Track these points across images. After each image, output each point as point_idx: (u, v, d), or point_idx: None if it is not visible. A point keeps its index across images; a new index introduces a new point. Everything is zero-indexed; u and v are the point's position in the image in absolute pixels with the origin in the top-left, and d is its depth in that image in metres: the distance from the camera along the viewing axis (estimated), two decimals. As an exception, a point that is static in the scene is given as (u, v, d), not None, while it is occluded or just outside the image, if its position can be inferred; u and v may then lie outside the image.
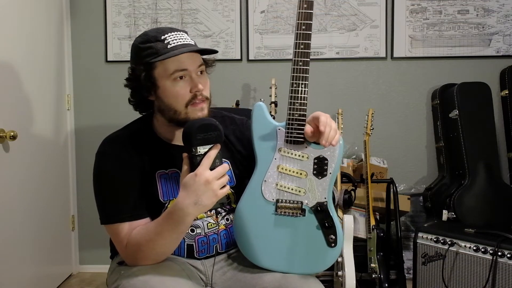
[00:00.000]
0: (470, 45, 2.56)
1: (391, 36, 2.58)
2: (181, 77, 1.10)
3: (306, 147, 1.14)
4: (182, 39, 1.12)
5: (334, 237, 1.14)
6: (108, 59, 2.65)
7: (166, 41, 1.09)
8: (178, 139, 1.20)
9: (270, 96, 2.35)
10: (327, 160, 1.13)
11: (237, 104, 2.42)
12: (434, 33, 2.57)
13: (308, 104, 1.14)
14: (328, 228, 1.14)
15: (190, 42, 1.13)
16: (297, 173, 1.14)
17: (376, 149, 2.60)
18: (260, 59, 2.62)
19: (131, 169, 1.13)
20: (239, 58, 2.62)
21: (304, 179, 1.14)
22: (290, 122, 1.14)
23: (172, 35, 1.11)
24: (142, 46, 1.11)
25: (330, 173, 1.14)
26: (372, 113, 2.30)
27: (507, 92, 2.49)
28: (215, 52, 1.15)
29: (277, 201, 1.15)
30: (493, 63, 2.56)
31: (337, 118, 2.33)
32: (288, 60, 2.60)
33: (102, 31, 2.66)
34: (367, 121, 2.28)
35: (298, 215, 1.15)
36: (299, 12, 1.14)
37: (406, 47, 2.58)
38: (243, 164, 1.27)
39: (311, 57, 1.16)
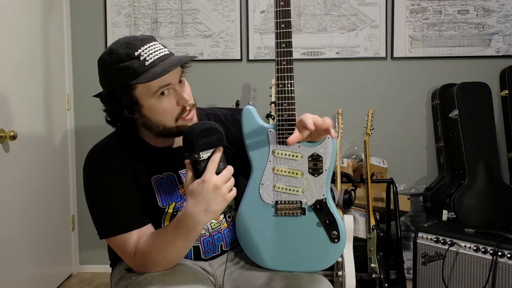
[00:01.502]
0: (470, 45, 2.56)
1: (391, 36, 2.58)
2: (164, 92, 1.05)
3: (299, 147, 1.13)
4: (156, 51, 1.05)
5: (336, 233, 1.14)
6: (108, 59, 2.65)
7: (141, 58, 1.02)
8: (167, 144, 1.18)
9: (270, 96, 2.34)
10: (321, 157, 1.13)
11: (237, 104, 2.42)
12: (434, 33, 2.57)
13: (309, 104, 1.14)
14: (329, 225, 1.14)
15: (165, 52, 1.07)
16: (292, 173, 1.14)
17: (376, 149, 2.60)
18: (260, 59, 2.61)
19: (124, 176, 1.10)
20: (239, 58, 2.62)
21: (300, 178, 1.14)
22: (280, 123, 1.13)
23: (145, 49, 1.04)
24: (116, 67, 1.03)
25: (326, 169, 1.13)
26: (372, 113, 2.30)
27: (507, 92, 2.49)
28: (195, 58, 1.10)
29: (276, 202, 1.15)
30: (493, 63, 2.56)
31: (337, 118, 2.33)
32: (288, 60, 2.60)
33: (102, 31, 2.66)
34: (367, 121, 2.28)
35: (298, 214, 1.15)
36: (277, 10, 1.12)
37: (406, 47, 2.58)
38: (234, 161, 1.26)
39: (311, 57, 1.16)
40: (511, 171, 2.50)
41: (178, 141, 1.19)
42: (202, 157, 1.00)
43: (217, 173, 1.00)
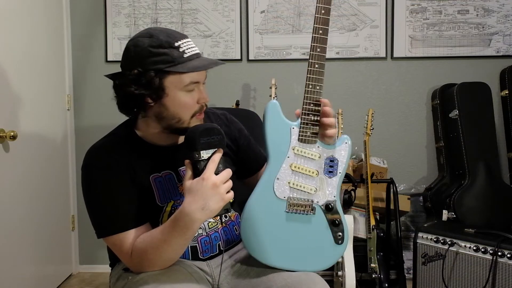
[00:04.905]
0: (470, 45, 2.56)
1: (391, 36, 2.58)
2: (191, 88, 1.09)
3: (318, 147, 1.17)
4: (193, 47, 1.10)
5: (341, 235, 1.17)
6: (108, 59, 2.66)
7: (181, 49, 1.06)
8: (166, 142, 1.19)
9: (270, 96, 2.35)
10: (337, 160, 1.17)
11: (237, 104, 2.42)
12: (434, 33, 2.57)
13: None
14: (336, 226, 1.17)
15: (198, 51, 1.12)
16: (309, 171, 1.16)
17: (376, 149, 2.60)
18: (260, 59, 2.62)
19: (122, 176, 1.10)
20: (239, 58, 2.62)
21: (315, 177, 1.16)
22: (305, 122, 1.16)
23: (185, 42, 1.08)
24: (154, 50, 1.05)
25: (340, 172, 1.17)
26: (372, 113, 2.30)
27: (507, 92, 2.49)
28: (224, 63, 1.16)
29: (289, 199, 1.16)
30: (493, 63, 2.56)
31: (337, 118, 2.33)
32: (288, 60, 2.60)
33: (102, 31, 2.66)
34: (367, 121, 2.28)
35: (309, 213, 1.16)
36: (317, 16, 1.19)
37: (406, 47, 2.58)
38: (233, 159, 1.28)
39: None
40: (511, 171, 2.50)
41: (177, 140, 1.20)
42: (202, 156, 1.01)
43: (216, 173, 1.01)
